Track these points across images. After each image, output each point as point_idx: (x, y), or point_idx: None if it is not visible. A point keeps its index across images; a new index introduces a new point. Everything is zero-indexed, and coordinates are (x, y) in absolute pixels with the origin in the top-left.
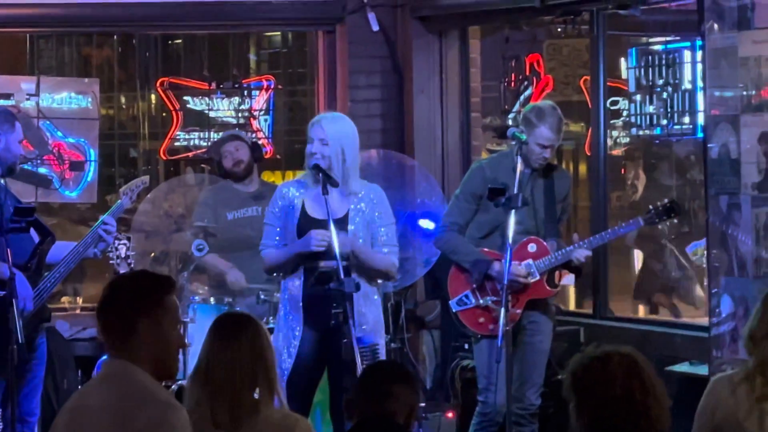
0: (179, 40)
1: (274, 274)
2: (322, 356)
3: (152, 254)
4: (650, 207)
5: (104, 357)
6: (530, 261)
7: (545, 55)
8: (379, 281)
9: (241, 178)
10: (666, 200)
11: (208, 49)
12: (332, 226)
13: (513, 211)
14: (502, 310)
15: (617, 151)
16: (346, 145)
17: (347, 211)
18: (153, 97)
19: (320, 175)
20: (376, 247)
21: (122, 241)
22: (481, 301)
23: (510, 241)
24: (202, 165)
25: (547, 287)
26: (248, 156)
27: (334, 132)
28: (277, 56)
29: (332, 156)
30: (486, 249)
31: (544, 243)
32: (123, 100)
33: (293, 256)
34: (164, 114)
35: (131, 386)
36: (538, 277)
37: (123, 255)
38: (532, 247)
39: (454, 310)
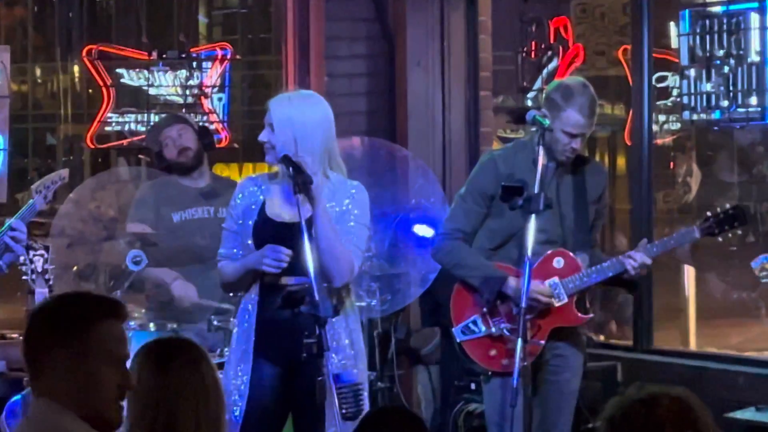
0: None
1: (231, 294)
2: (285, 398)
3: (74, 267)
4: (708, 214)
5: (17, 396)
6: (556, 279)
7: (574, 19)
8: (360, 303)
9: (187, 171)
10: (728, 205)
11: (147, 9)
12: (305, 236)
13: (533, 215)
14: (519, 341)
15: (665, 140)
16: (299, 135)
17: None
18: (77, 69)
19: (289, 168)
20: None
21: (38, 252)
22: (493, 329)
23: (530, 253)
24: (140, 155)
25: (577, 313)
26: (195, 143)
27: (282, 116)
28: (233, 18)
29: (279, 146)
30: (499, 263)
31: (573, 257)
32: (38, 72)
33: (246, 273)
34: (91, 91)
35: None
36: (565, 300)
37: (39, 269)
38: (558, 262)
39: (458, 340)
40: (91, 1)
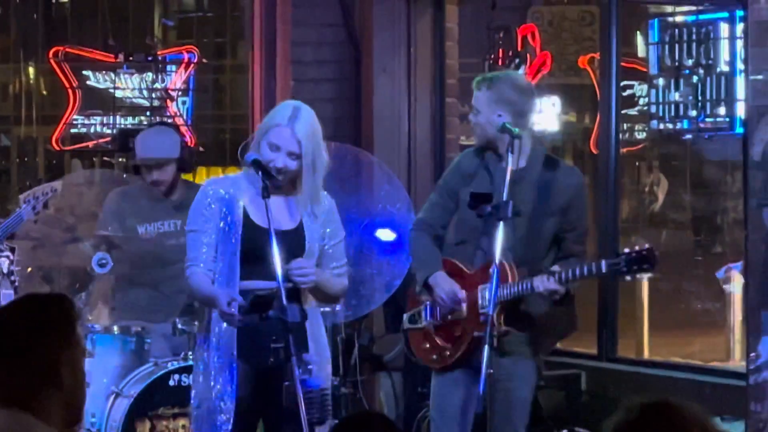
0: None
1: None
2: (257, 405)
3: (29, 270)
4: (623, 252)
5: None
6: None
7: (541, 27)
8: (325, 308)
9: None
10: (644, 246)
11: (110, 11)
12: (274, 240)
13: (501, 223)
14: (486, 348)
15: (631, 149)
16: (317, 155)
17: (300, 221)
18: (32, 71)
19: (260, 173)
20: (330, 262)
21: (4, 254)
22: (425, 322)
23: (497, 261)
24: (105, 158)
25: (497, 323)
26: (173, 174)
27: (310, 144)
28: (189, 23)
29: (297, 170)
30: (448, 259)
31: (509, 267)
32: None
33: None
34: (47, 93)
35: None
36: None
37: (5, 270)
38: (493, 271)
39: (404, 327)
40: (49, 4)
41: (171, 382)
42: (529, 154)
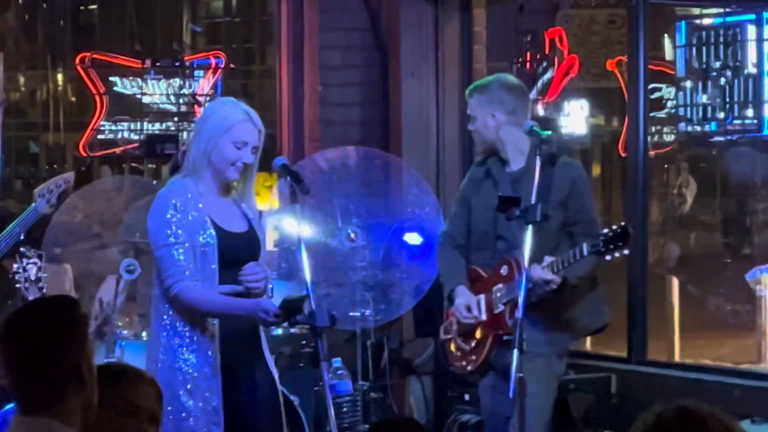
0: (94, 6)
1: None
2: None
3: (67, 277)
4: (603, 230)
5: (10, 405)
6: (501, 286)
7: (570, 30)
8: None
9: None
10: (616, 225)
11: (136, 17)
12: (303, 246)
13: (530, 226)
14: (515, 352)
15: (659, 152)
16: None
17: (249, 223)
18: (60, 77)
19: (288, 178)
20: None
21: (32, 260)
22: (454, 333)
23: (526, 264)
24: (133, 164)
25: (507, 321)
26: None
27: (262, 129)
28: (218, 28)
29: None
30: (476, 267)
31: (516, 264)
32: (22, 80)
33: (228, 315)
34: (75, 99)
35: None
36: (501, 308)
37: (33, 277)
38: (504, 270)
39: (441, 339)
40: (76, 10)
41: None
42: (528, 153)
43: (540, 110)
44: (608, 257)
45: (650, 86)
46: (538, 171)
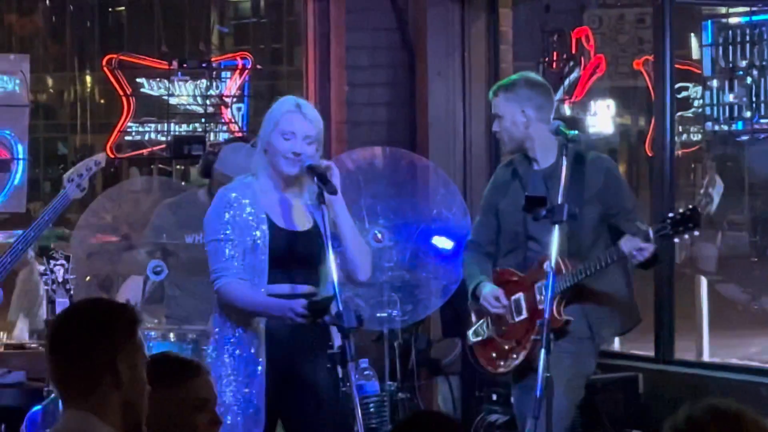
0: (122, 7)
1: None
2: (278, 408)
3: (87, 278)
4: (667, 216)
5: (37, 407)
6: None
7: (598, 29)
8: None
9: None
10: (688, 207)
11: (162, 18)
12: (329, 247)
13: (557, 226)
14: (542, 351)
15: (686, 151)
16: (319, 141)
17: (314, 220)
18: (89, 79)
19: (315, 179)
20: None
21: (59, 262)
22: (491, 332)
23: (552, 263)
24: (161, 165)
25: (556, 315)
26: None
27: (320, 128)
28: (246, 28)
29: (309, 154)
30: (507, 269)
31: (560, 260)
32: (51, 82)
33: (259, 313)
34: (102, 101)
35: None
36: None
37: (60, 279)
38: (547, 266)
39: (469, 343)
40: (104, 11)
41: None
42: (556, 150)
43: (566, 110)
44: (677, 240)
45: (677, 85)
46: (564, 171)
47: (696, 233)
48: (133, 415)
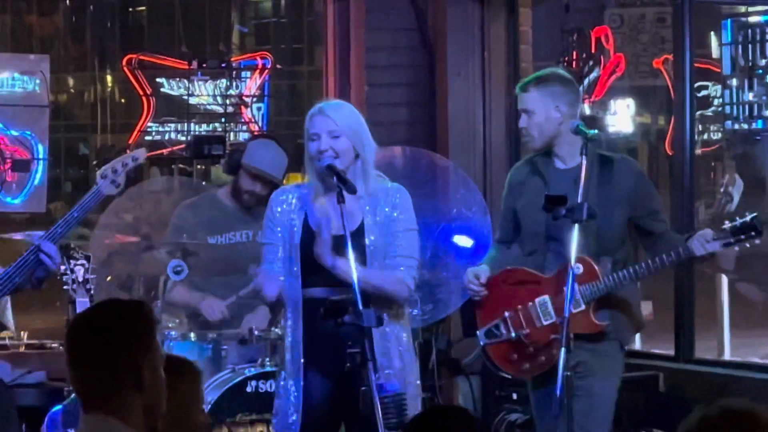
0: (142, 7)
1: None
2: (336, 411)
3: (108, 278)
4: (726, 222)
5: (58, 407)
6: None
7: (619, 29)
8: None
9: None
10: (747, 216)
11: (185, 19)
12: (349, 247)
13: (577, 225)
14: (563, 350)
15: (706, 150)
16: (365, 137)
17: (362, 220)
18: (109, 78)
19: (334, 178)
20: (390, 254)
21: (79, 261)
22: (512, 334)
23: (572, 262)
24: (181, 165)
25: (594, 320)
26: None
27: (347, 121)
28: (267, 28)
29: (348, 151)
30: (526, 268)
31: (592, 263)
32: (71, 82)
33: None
34: (123, 101)
35: None
36: (582, 307)
37: (80, 278)
38: (577, 268)
39: (481, 343)
40: (124, 12)
41: (248, 389)
42: (581, 150)
43: (586, 109)
44: (736, 248)
45: (697, 84)
46: (584, 170)
47: (757, 241)
48: (154, 417)
